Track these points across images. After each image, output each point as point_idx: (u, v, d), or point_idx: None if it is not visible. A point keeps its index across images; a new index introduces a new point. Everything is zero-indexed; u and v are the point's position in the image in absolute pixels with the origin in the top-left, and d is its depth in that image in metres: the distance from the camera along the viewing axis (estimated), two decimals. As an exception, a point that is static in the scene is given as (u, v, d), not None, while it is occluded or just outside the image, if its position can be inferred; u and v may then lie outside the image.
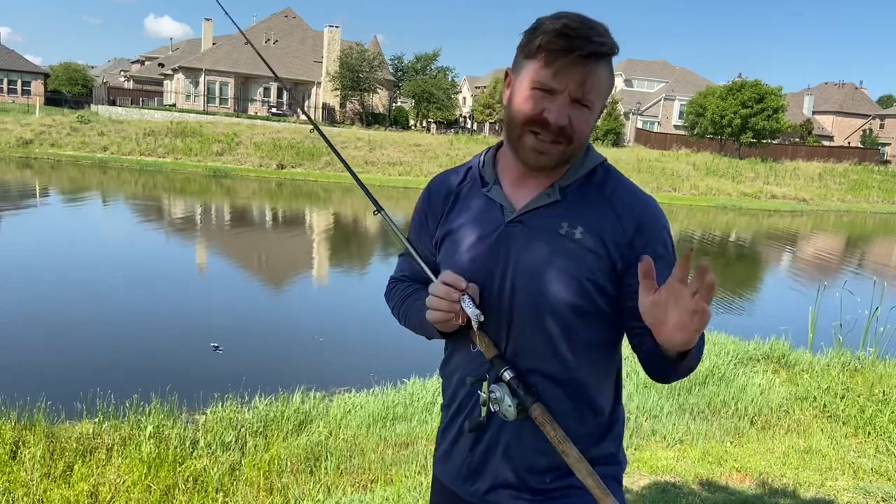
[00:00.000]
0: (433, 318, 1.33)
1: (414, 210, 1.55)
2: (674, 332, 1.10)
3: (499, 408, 1.28)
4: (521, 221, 1.34)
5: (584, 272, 1.29)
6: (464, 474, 1.44)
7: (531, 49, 1.26)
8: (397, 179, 29.47)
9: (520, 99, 1.28)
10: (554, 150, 1.28)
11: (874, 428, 4.78)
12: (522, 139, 1.29)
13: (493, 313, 1.33)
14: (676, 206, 29.61)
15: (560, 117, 1.24)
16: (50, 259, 11.32)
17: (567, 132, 1.26)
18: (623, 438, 1.49)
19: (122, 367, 6.51)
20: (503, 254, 1.34)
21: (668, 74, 60.31)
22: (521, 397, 1.26)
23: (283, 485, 3.65)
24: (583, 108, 1.26)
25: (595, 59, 1.23)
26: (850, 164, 43.91)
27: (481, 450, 1.40)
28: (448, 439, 1.48)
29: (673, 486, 3.76)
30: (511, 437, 1.36)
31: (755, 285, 15.11)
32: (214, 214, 19.41)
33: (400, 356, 6.75)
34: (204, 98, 45.72)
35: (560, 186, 1.34)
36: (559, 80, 1.23)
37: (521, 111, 1.27)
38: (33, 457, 3.68)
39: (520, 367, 1.31)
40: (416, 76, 53.56)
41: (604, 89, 1.29)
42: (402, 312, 1.54)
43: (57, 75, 66.57)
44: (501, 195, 1.38)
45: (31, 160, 27.35)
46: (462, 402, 1.42)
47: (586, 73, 1.23)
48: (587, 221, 1.32)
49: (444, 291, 1.30)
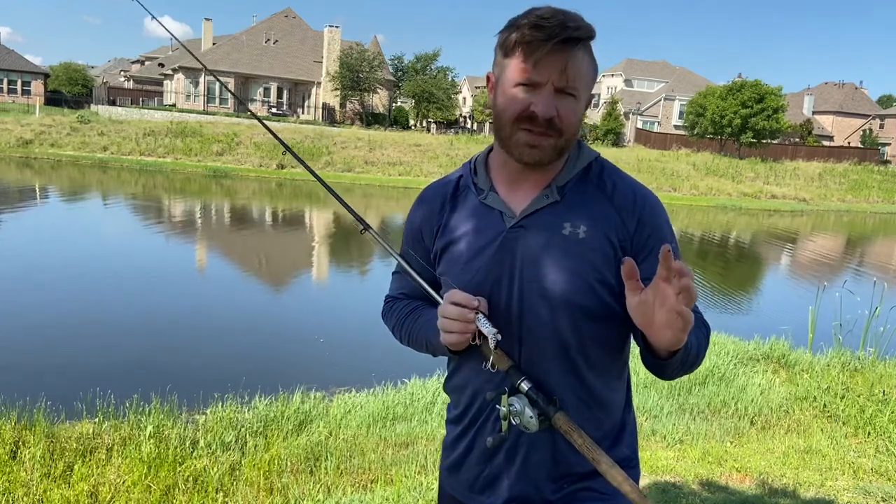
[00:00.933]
0: (449, 342, 1.29)
1: (406, 222, 1.51)
2: (661, 331, 1.09)
3: (519, 420, 1.25)
4: (522, 226, 1.32)
5: (592, 272, 1.28)
6: (478, 487, 1.41)
7: (508, 47, 1.25)
8: (397, 179, 29.46)
9: (505, 98, 1.27)
10: (546, 143, 1.26)
11: (874, 428, 4.77)
12: (514, 137, 1.27)
13: (504, 323, 1.30)
14: (676, 206, 29.60)
15: (547, 109, 1.23)
16: (49, 259, 11.31)
17: (556, 124, 1.25)
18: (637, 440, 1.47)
19: (122, 367, 6.51)
20: (508, 260, 1.32)
21: (668, 74, 60.30)
22: (542, 407, 1.23)
23: (283, 485, 3.65)
24: (568, 97, 1.25)
25: (572, 45, 1.22)
26: (850, 164, 43.91)
27: (499, 462, 1.37)
28: (458, 451, 1.44)
29: (673, 486, 3.76)
30: (529, 449, 1.33)
31: (755, 285, 15.11)
32: (214, 214, 19.41)
33: (400, 356, 6.71)
34: (204, 98, 45.72)
35: (557, 186, 1.33)
36: (540, 71, 1.22)
37: (509, 110, 1.26)
38: (33, 457, 3.68)
39: (535, 375, 1.28)
40: (416, 76, 53.54)
41: (586, 75, 1.27)
42: (404, 332, 1.50)
43: (57, 75, 66.58)
44: (499, 201, 1.36)
45: (30, 160, 27.34)
46: (474, 416, 1.39)
47: (566, 60, 1.22)
48: (589, 219, 1.30)
49: (458, 313, 1.26)
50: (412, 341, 1.48)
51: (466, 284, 1.32)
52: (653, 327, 1.10)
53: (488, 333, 1.24)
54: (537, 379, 1.28)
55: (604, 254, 1.28)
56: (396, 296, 1.56)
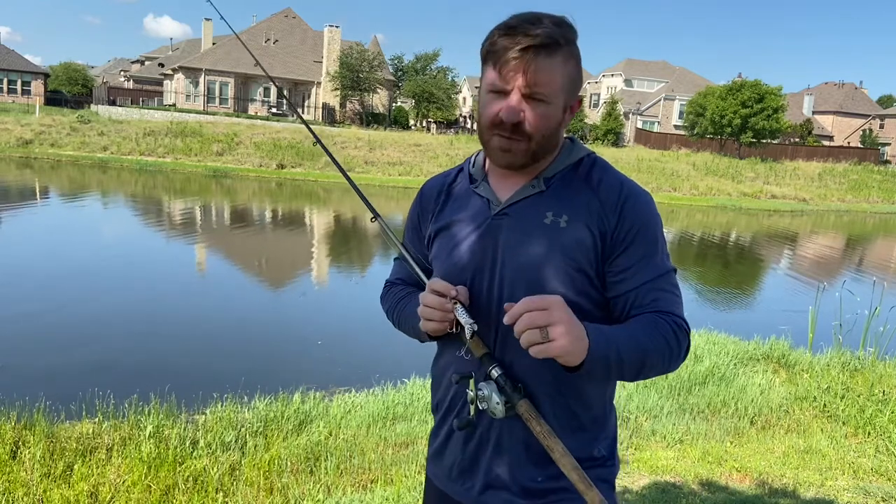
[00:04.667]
0: (428, 329, 1.35)
1: (408, 213, 1.58)
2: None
3: (487, 406, 1.28)
4: (506, 213, 1.36)
5: (571, 261, 1.30)
6: (455, 474, 1.44)
7: (483, 55, 1.30)
8: (397, 179, 29.46)
9: (481, 105, 1.33)
10: (516, 147, 1.29)
11: (874, 428, 4.77)
12: (490, 142, 1.32)
13: (484, 308, 1.34)
14: (676, 206, 29.62)
15: (511, 114, 1.26)
16: (48, 258, 11.31)
17: (522, 129, 1.27)
18: (617, 440, 1.47)
19: (122, 367, 6.51)
20: (491, 247, 1.35)
21: (668, 74, 60.29)
22: (509, 394, 1.25)
23: (283, 485, 3.65)
24: (537, 102, 1.26)
25: (536, 52, 1.23)
26: (849, 164, 43.91)
27: (472, 448, 1.39)
28: (439, 439, 1.48)
29: (673, 486, 3.76)
30: (501, 435, 1.35)
31: (755, 285, 15.10)
32: (214, 214, 19.40)
33: (400, 356, 6.74)
34: (204, 98, 45.71)
35: (545, 178, 1.36)
36: (505, 78, 1.25)
37: (483, 116, 1.31)
38: (33, 457, 3.68)
39: (509, 362, 1.31)
40: (416, 76, 53.54)
41: (559, 80, 1.27)
42: (395, 316, 1.55)
43: (57, 75, 66.54)
44: (488, 190, 1.41)
45: (30, 160, 27.34)
46: (451, 402, 1.43)
47: (528, 66, 1.23)
48: (572, 210, 1.32)
49: (437, 302, 1.30)
50: (402, 325, 1.54)
51: (451, 269, 1.37)
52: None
53: (465, 323, 1.28)
54: (510, 366, 1.30)
55: (583, 244, 1.30)
56: (394, 281, 1.63)
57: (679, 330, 1.30)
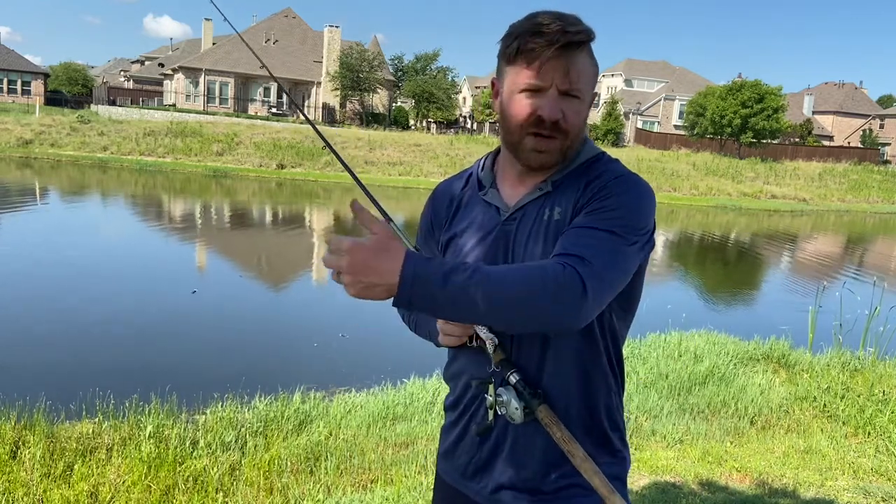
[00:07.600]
0: (447, 343, 1.37)
1: (420, 217, 1.57)
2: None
3: (506, 411, 1.29)
4: (515, 218, 1.36)
5: None
6: (469, 472, 1.44)
7: (510, 54, 1.28)
8: (397, 179, 29.47)
9: (512, 105, 1.30)
10: (552, 147, 1.29)
11: (874, 428, 4.77)
12: (523, 143, 1.31)
13: None
14: (676, 206, 29.62)
15: (553, 112, 1.26)
16: (48, 259, 11.31)
17: (562, 126, 1.27)
18: (626, 436, 1.48)
19: (122, 367, 6.50)
20: (501, 254, 1.35)
21: (668, 74, 60.29)
22: (528, 400, 1.26)
23: (283, 485, 3.65)
24: (573, 98, 1.27)
25: (573, 49, 1.25)
26: (850, 164, 43.92)
27: (488, 448, 1.40)
28: (452, 437, 1.48)
29: (673, 486, 3.76)
30: (518, 437, 1.36)
31: (755, 285, 15.10)
32: (214, 214, 19.40)
33: (400, 356, 6.75)
34: (204, 98, 45.71)
35: (553, 180, 1.35)
36: (543, 76, 1.25)
37: (517, 116, 1.29)
38: (33, 457, 3.68)
39: (524, 367, 1.31)
40: (416, 76, 53.52)
41: (589, 77, 1.29)
42: (411, 319, 1.56)
43: (57, 75, 66.56)
44: (497, 197, 1.40)
45: (30, 160, 27.33)
46: (468, 404, 1.43)
47: (568, 63, 1.25)
48: (567, 201, 1.32)
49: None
50: (418, 329, 1.55)
51: None
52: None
53: (486, 338, 1.30)
54: (526, 371, 1.31)
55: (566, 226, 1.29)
56: None
57: (562, 268, 1.12)
